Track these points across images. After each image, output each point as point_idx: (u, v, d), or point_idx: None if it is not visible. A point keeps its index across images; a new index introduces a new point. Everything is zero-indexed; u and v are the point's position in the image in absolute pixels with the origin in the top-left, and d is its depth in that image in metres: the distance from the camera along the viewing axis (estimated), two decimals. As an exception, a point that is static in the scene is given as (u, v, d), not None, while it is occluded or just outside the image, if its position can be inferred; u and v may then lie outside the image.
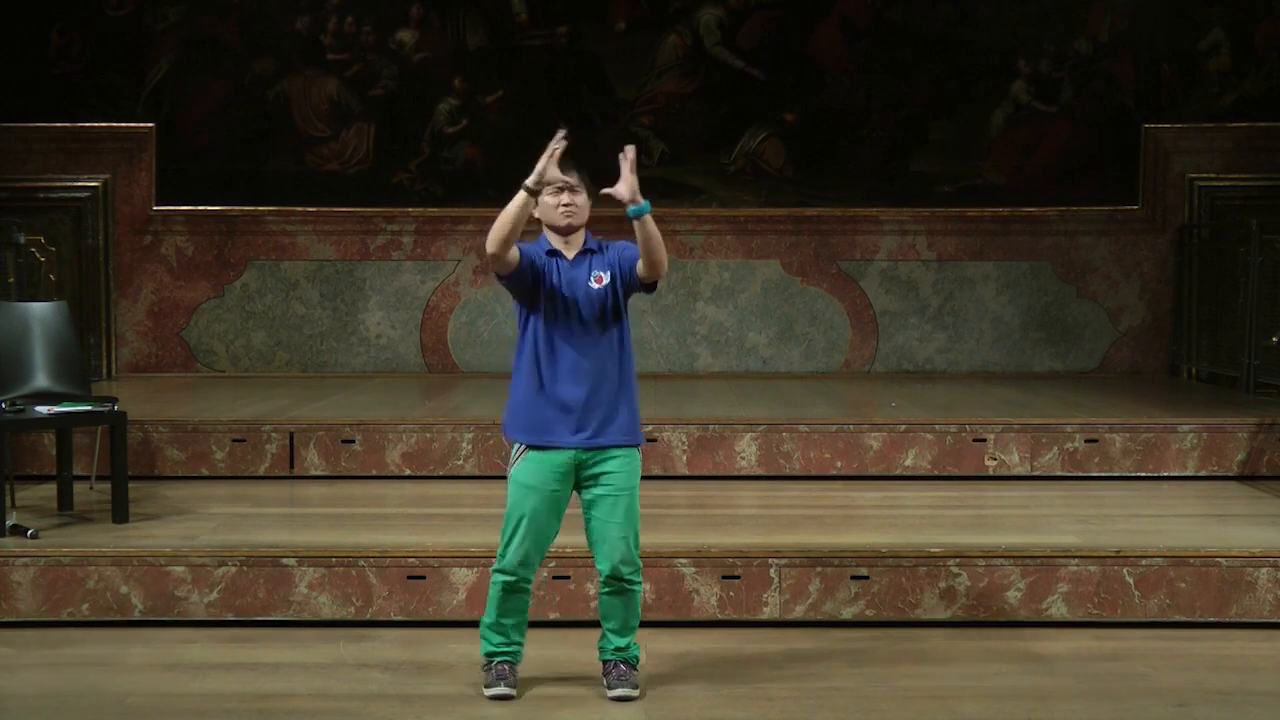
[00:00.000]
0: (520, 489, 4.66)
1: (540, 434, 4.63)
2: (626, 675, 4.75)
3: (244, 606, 5.61)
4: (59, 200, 10.29)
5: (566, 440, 4.61)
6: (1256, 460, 7.41)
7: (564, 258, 4.70)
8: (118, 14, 10.29)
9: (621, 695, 4.70)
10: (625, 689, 4.71)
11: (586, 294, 4.64)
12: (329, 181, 10.40)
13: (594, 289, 4.65)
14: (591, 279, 4.66)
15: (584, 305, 4.63)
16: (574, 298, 4.63)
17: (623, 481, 4.65)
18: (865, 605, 5.62)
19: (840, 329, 10.41)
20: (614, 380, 4.66)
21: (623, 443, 4.67)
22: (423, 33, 10.38)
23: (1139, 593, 5.61)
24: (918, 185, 10.40)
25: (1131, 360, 10.41)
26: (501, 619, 4.74)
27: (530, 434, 4.65)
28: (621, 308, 4.71)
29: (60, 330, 6.63)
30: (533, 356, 4.66)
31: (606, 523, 4.65)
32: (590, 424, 4.61)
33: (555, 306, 4.64)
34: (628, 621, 4.77)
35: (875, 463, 7.44)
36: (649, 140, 10.36)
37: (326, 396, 8.80)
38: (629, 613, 4.76)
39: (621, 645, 4.77)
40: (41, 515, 6.33)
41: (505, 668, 4.76)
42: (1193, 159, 10.36)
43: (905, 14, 10.39)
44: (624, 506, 4.65)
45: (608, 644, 4.79)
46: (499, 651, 4.77)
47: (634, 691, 4.73)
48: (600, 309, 4.64)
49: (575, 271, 4.68)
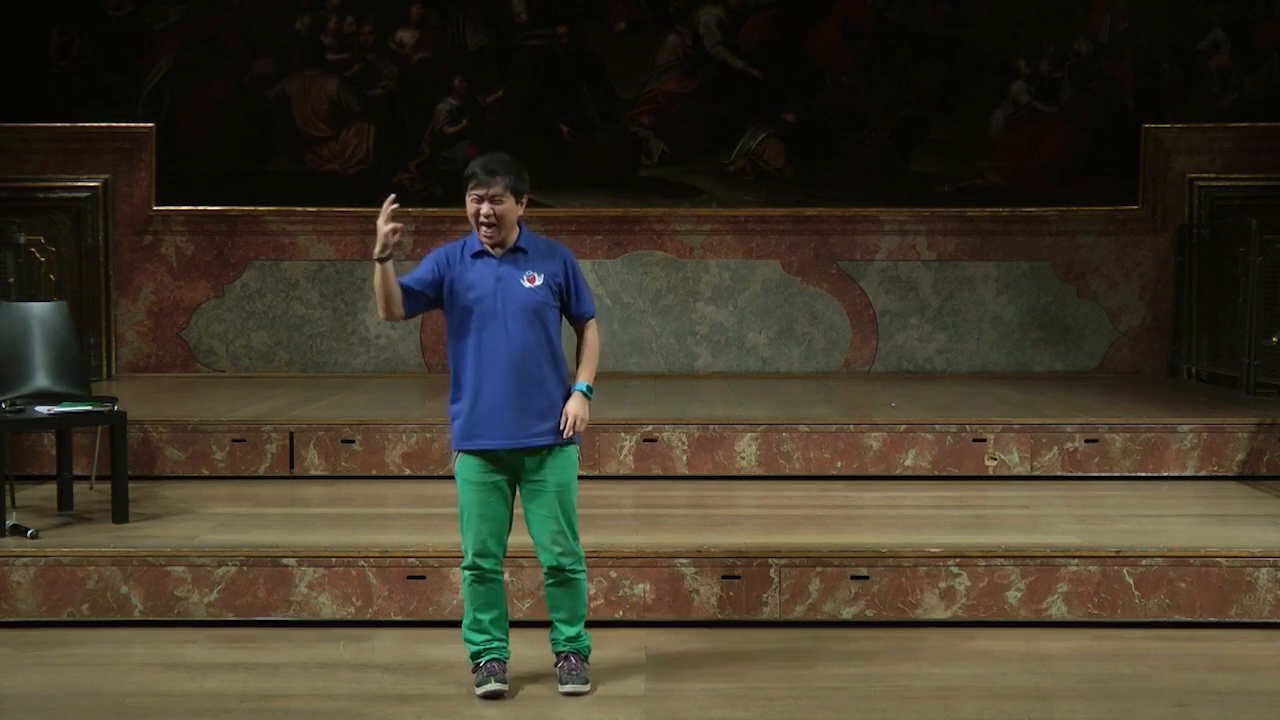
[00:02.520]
0: (461, 484, 4.72)
1: (472, 439, 4.66)
2: (577, 670, 4.78)
3: (244, 606, 5.61)
4: (59, 200, 10.29)
5: (497, 443, 4.63)
6: (1256, 460, 7.41)
7: (491, 256, 4.67)
8: (118, 14, 10.30)
9: (572, 691, 4.74)
10: (575, 684, 4.75)
11: (515, 292, 4.62)
12: (329, 181, 10.40)
13: (525, 288, 4.63)
14: (524, 278, 4.64)
15: (511, 303, 4.61)
16: (500, 296, 4.61)
17: (557, 478, 4.69)
18: (865, 605, 5.62)
19: (840, 329, 10.41)
20: (546, 377, 4.65)
21: (553, 441, 4.68)
22: (423, 33, 10.38)
23: (1139, 593, 5.61)
24: (918, 185, 10.41)
25: (1131, 360, 10.41)
26: (478, 614, 4.76)
27: (463, 440, 4.68)
28: (553, 309, 4.69)
29: (60, 330, 6.63)
30: (460, 358, 4.66)
31: (544, 518, 4.70)
32: (519, 424, 4.62)
33: (479, 308, 4.62)
34: (575, 610, 4.80)
35: (875, 463, 7.44)
36: (649, 140, 10.36)
37: (326, 396, 8.80)
38: (575, 602, 4.80)
39: (572, 635, 4.81)
40: (41, 515, 6.33)
41: (494, 665, 4.77)
42: (1193, 159, 10.36)
43: (905, 14, 10.39)
44: (559, 502, 4.69)
45: (559, 635, 4.83)
46: (484, 650, 4.79)
47: (584, 687, 4.76)
48: (532, 307, 4.62)
49: (503, 269, 4.65)
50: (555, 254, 4.75)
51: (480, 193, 4.64)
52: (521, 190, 4.68)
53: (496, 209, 4.63)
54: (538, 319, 4.64)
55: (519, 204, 4.68)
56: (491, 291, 4.62)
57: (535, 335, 4.63)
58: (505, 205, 4.64)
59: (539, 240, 4.77)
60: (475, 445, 4.66)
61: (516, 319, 4.61)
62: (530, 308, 4.62)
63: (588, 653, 4.86)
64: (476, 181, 4.66)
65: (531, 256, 4.69)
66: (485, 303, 4.62)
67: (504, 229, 4.66)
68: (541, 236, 4.84)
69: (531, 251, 4.70)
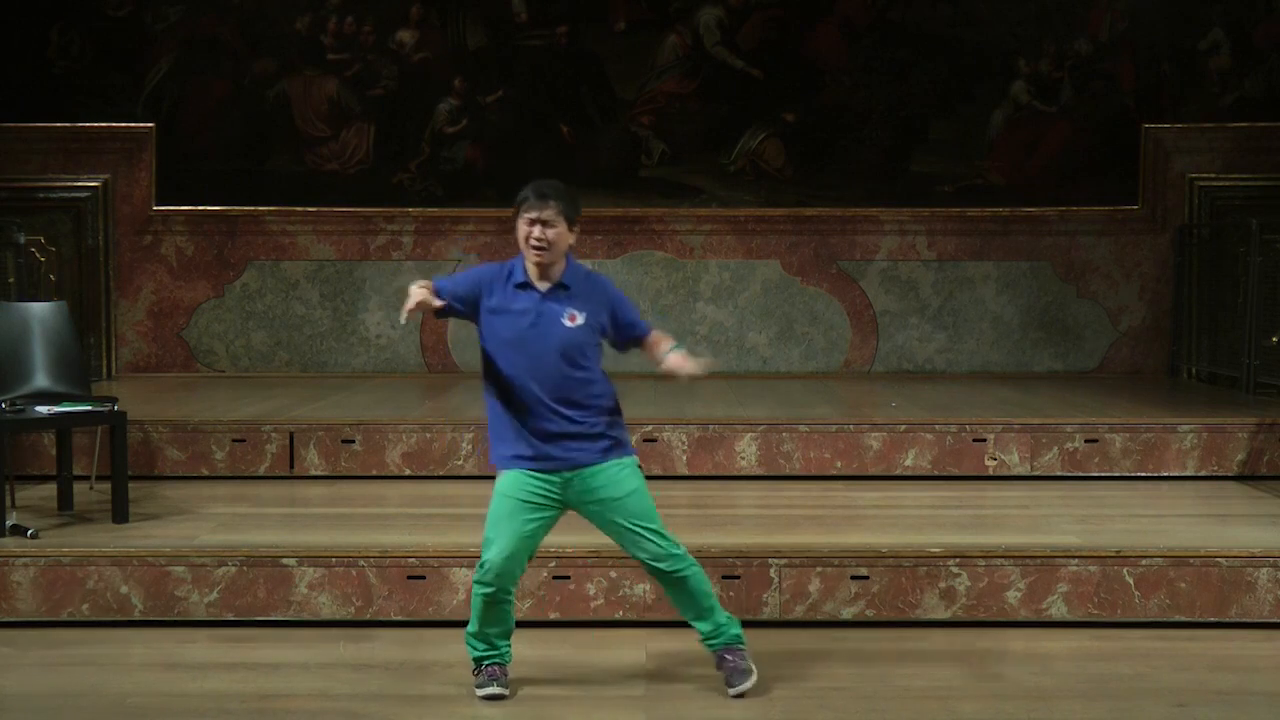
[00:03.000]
0: (497, 495, 4.65)
1: (519, 460, 4.60)
2: (735, 667, 4.72)
3: (244, 606, 5.61)
4: (59, 200, 10.29)
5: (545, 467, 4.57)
6: (1256, 460, 7.41)
7: (534, 290, 4.60)
8: (118, 14, 10.29)
9: (740, 693, 4.69)
10: (739, 684, 4.69)
11: (555, 331, 4.55)
12: (329, 181, 10.40)
13: (566, 326, 4.57)
14: (565, 316, 4.58)
15: (550, 342, 4.54)
16: (539, 334, 4.54)
17: (619, 490, 4.62)
18: (865, 605, 5.62)
19: (840, 329, 10.41)
20: (587, 409, 4.58)
21: (602, 461, 4.61)
22: (423, 33, 10.38)
23: (1139, 593, 5.61)
24: (918, 185, 10.40)
25: (1131, 360, 10.41)
26: (485, 628, 4.74)
27: (509, 459, 4.63)
28: (594, 345, 4.63)
29: (60, 330, 6.62)
30: (501, 389, 4.60)
31: (622, 531, 4.65)
32: (568, 453, 4.57)
33: (517, 343, 4.55)
34: (699, 605, 4.72)
35: (875, 463, 7.44)
36: (649, 140, 10.36)
37: (326, 396, 8.81)
38: (696, 594, 4.70)
39: (708, 630, 4.74)
40: (41, 515, 6.33)
41: (496, 669, 4.77)
42: (1193, 159, 10.36)
43: (905, 14, 10.39)
44: (631, 512, 4.62)
45: (701, 637, 4.78)
46: (485, 657, 4.78)
47: (747, 681, 4.70)
48: (570, 346, 4.56)
49: (545, 305, 4.58)
50: (596, 291, 4.66)
51: (532, 215, 4.55)
52: (573, 217, 4.60)
53: (548, 233, 4.54)
54: (577, 357, 4.57)
55: (570, 231, 4.60)
56: (531, 328, 4.55)
57: (572, 372, 4.56)
58: (557, 230, 4.55)
59: (582, 275, 4.68)
60: (519, 466, 4.60)
61: (554, 357, 4.53)
62: (570, 346, 4.56)
63: (737, 641, 4.76)
64: (529, 204, 4.56)
65: (574, 294, 4.61)
66: (524, 339, 4.55)
67: (554, 254, 4.58)
68: (585, 269, 4.74)
69: (574, 288, 4.62)
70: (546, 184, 4.63)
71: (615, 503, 4.61)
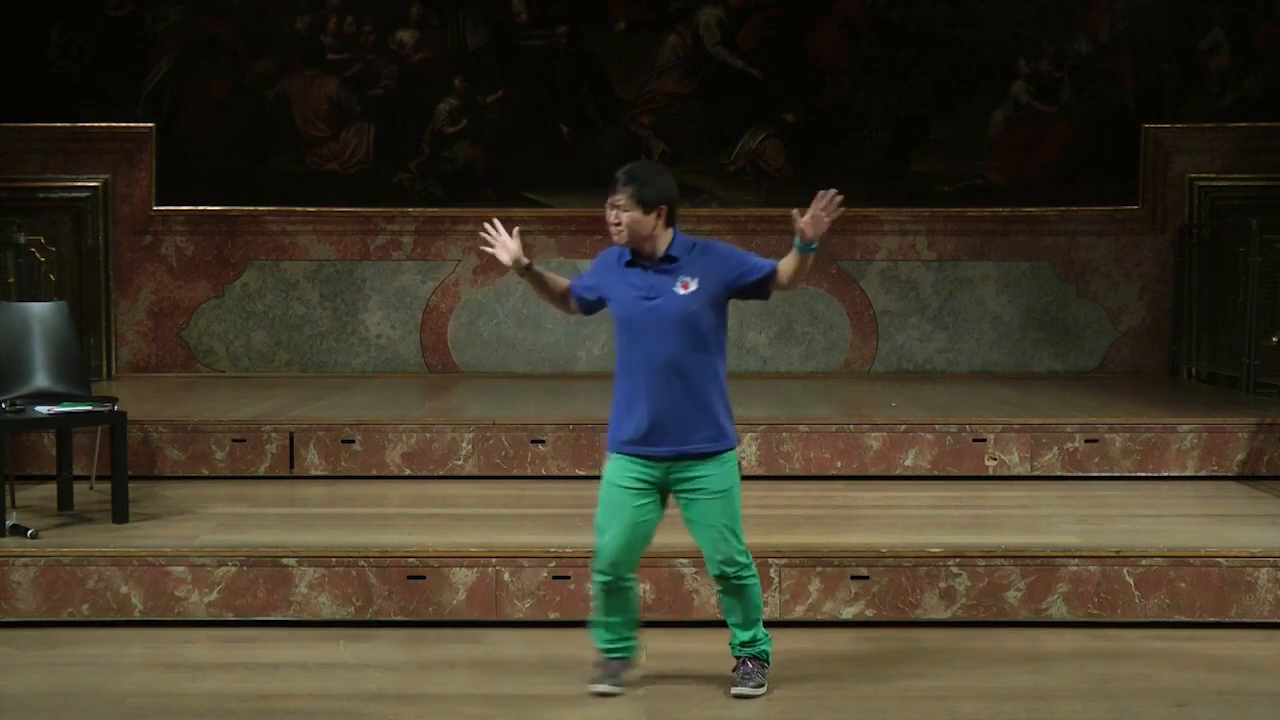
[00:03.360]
0: (603, 485, 4.68)
1: (621, 444, 4.63)
2: (750, 673, 4.74)
3: (244, 606, 5.61)
4: (59, 200, 10.29)
5: (649, 452, 4.59)
6: (1256, 460, 7.41)
7: (643, 265, 4.63)
8: (118, 14, 10.29)
9: (740, 694, 4.70)
10: (743, 687, 4.71)
11: (667, 302, 4.55)
12: (329, 181, 10.40)
13: (679, 295, 4.56)
14: (677, 285, 4.57)
15: (662, 314, 4.55)
16: (655, 308, 4.55)
17: (714, 485, 4.61)
18: (865, 605, 5.62)
19: (840, 329, 10.41)
20: (700, 387, 4.59)
21: (710, 450, 4.61)
22: (423, 33, 10.38)
23: (1139, 593, 5.61)
24: (918, 185, 10.40)
25: (1131, 360, 10.40)
26: (606, 617, 4.77)
27: (613, 443, 4.67)
28: (710, 314, 4.61)
29: (60, 330, 6.62)
30: (620, 371, 4.65)
31: (703, 527, 4.64)
32: (676, 433, 4.57)
33: (631, 318, 4.59)
34: (748, 615, 4.75)
35: (875, 463, 7.44)
36: (649, 140, 10.37)
37: (326, 396, 8.81)
38: (748, 606, 4.73)
39: (745, 639, 4.77)
40: (41, 515, 6.33)
41: (615, 664, 4.78)
42: (1193, 159, 10.36)
43: (905, 14, 10.39)
44: (718, 510, 4.62)
45: (734, 639, 4.80)
46: (609, 649, 4.79)
47: (755, 690, 4.71)
48: (684, 316, 4.55)
49: (654, 278, 4.60)
50: (705, 255, 4.65)
51: (609, 199, 4.60)
52: (649, 200, 4.55)
53: (622, 217, 4.56)
54: (691, 328, 4.56)
55: (647, 215, 4.56)
56: (642, 303, 4.57)
57: (688, 345, 4.55)
58: (631, 214, 4.55)
59: (690, 244, 4.67)
60: (624, 450, 4.63)
61: (667, 330, 4.54)
62: (682, 317, 4.55)
63: (765, 657, 4.80)
64: (613, 183, 4.60)
65: (683, 264, 4.60)
66: (636, 314, 4.58)
67: (634, 238, 4.58)
68: (691, 240, 4.71)
69: (683, 258, 4.61)
70: (634, 166, 4.66)
71: (709, 498, 4.61)
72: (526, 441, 7.42)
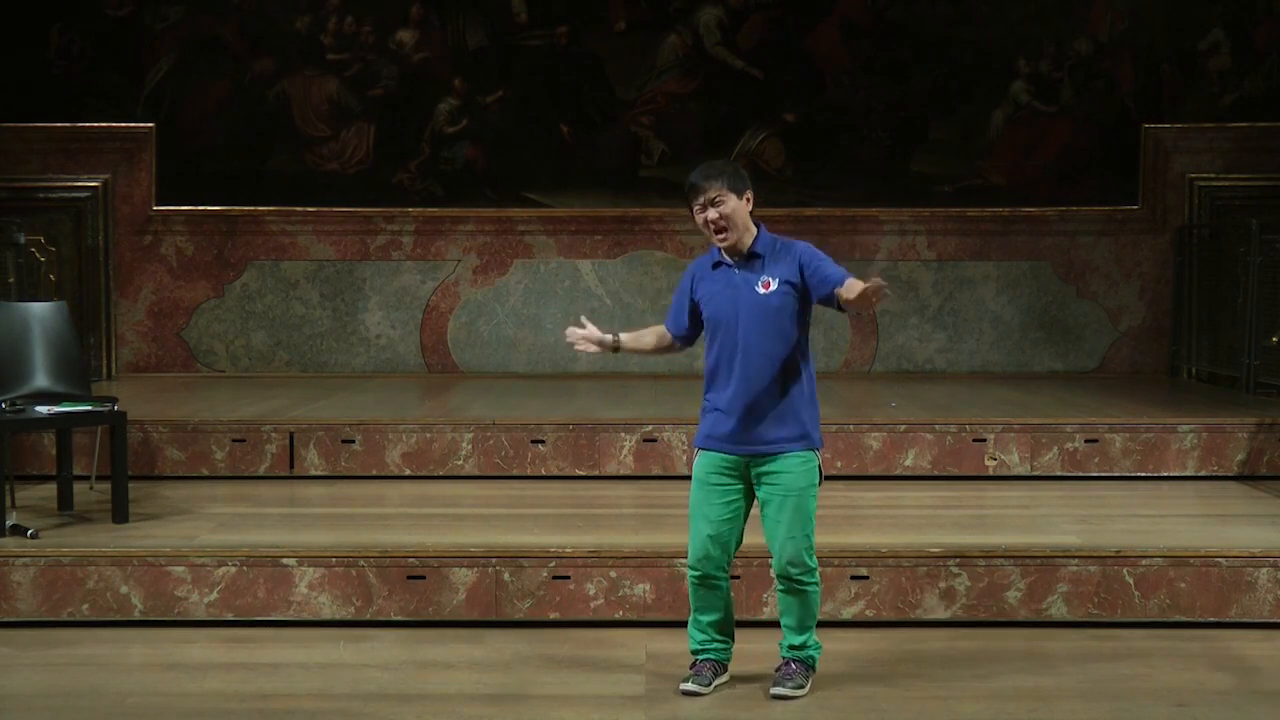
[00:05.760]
0: (693, 482, 4.71)
1: (707, 439, 4.67)
2: (792, 674, 4.74)
3: (244, 606, 5.61)
4: (59, 200, 10.29)
5: (731, 448, 4.61)
6: (1256, 460, 7.41)
7: (728, 264, 4.65)
8: (118, 14, 10.30)
9: (779, 694, 4.70)
10: (782, 688, 4.71)
11: (752, 300, 4.57)
12: (329, 181, 10.41)
13: (759, 294, 4.58)
14: (759, 284, 4.59)
15: (748, 311, 4.57)
16: (738, 304, 4.58)
17: (790, 483, 4.63)
18: (865, 605, 5.62)
19: (840, 329, 10.41)
20: (783, 385, 4.60)
21: (791, 448, 4.63)
22: (423, 33, 10.38)
23: (1139, 593, 5.61)
24: (918, 185, 10.41)
25: (1131, 360, 10.41)
26: (698, 615, 4.77)
27: (702, 439, 4.69)
28: (793, 313, 4.61)
29: (60, 330, 6.62)
30: (709, 369, 4.67)
31: (775, 523, 4.65)
32: (756, 430, 4.59)
33: (718, 317, 4.62)
34: (803, 620, 4.76)
35: (875, 463, 7.44)
36: (649, 140, 10.36)
37: (326, 396, 8.80)
38: (805, 611, 4.74)
39: (796, 643, 4.77)
40: (41, 515, 6.32)
41: (705, 665, 4.77)
42: (1193, 159, 10.36)
43: (905, 14, 10.39)
44: (791, 508, 4.63)
45: (785, 640, 4.80)
46: (700, 649, 4.79)
47: (793, 692, 4.70)
48: (766, 314, 4.57)
49: (739, 276, 4.62)
50: (789, 253, 4.66)
51: (701, 200, 4.59)
52: (741, 187, 4.62)
53: (723, 210, 4.58)
54: (774, 325, 4.57)
55: (743, 200, 4.63)
56: (728, 301, 4.60)
57: (772, 341, 4.57)
58: (730, 205, 4.58)
59: (775, 241, 4.69)
60: (709, 445, 4.66)
61: (751, 327, 4.56)
62: (765, 314, 4.57)
63: (812, 663, 4.80)
64: (694, 190, 4.60)
65: (767, 261, 4.63)
66: (722, 312, 4.61)
67: (736, 230, 4.61)
68: (779, 237, 4.74)
69: (767, 256, 4.64)
70: (708, 165, 4.68)
71: (787, 496, 4.63)
72: (526, 441, 7.42)
